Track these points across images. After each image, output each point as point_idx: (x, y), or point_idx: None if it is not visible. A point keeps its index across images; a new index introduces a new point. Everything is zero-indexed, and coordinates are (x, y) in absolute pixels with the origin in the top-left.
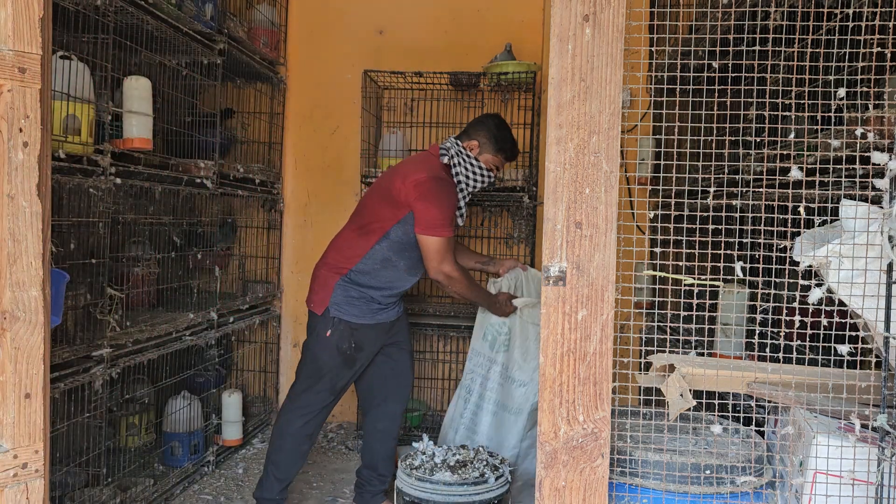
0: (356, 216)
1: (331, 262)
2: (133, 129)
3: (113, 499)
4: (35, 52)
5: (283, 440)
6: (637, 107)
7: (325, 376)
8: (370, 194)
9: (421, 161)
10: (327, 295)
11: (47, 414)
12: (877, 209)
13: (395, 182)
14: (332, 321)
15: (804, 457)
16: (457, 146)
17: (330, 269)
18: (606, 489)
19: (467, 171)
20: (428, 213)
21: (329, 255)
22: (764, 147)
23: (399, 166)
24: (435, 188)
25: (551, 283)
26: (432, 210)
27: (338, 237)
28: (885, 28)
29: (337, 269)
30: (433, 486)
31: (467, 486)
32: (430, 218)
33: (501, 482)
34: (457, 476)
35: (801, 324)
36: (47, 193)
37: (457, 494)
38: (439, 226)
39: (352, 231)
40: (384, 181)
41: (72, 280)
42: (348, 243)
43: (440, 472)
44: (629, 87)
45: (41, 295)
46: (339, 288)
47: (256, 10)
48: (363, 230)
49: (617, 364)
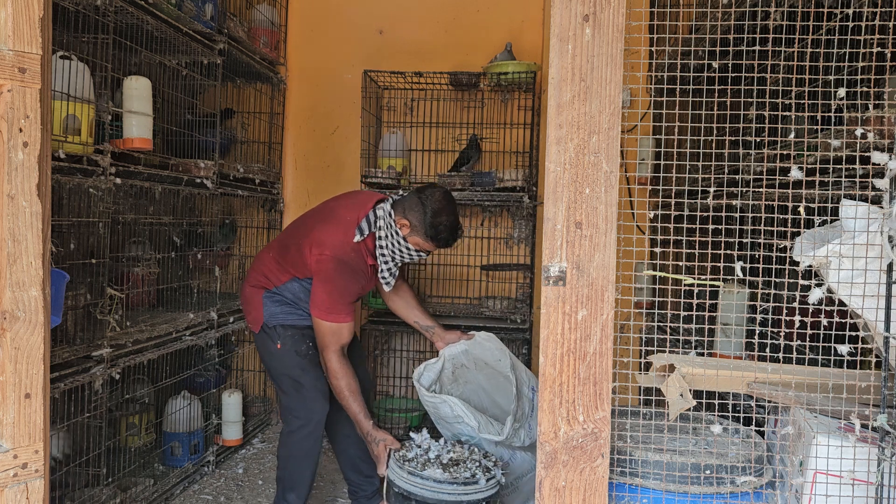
0: (278, 246)
1: (253, 282)
2: (133, 129)
3: (113, 499)
4: (35, 52)
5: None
6: (637, 107)
7: (306, 383)
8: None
9: (335, 233)
10: (259, 311)
11: (47, 414)
12: (877, 209)
13: (305, 247)
14: (276, 330)
15: (804, 457)
16: (389, 219)
17: (254, 287)
18: (606, 489)
19: (394, 249)
20: (320, 294)
21: (251, 276)
22: (764, 147)
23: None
24: (333, 270)
25: (551, 283)
26: (322, 294)
27: (260, 259)
28: (885, 28)
29: (260, 286)
30: (423, 482)
31: (457, 485)
32: (319, 301)
33: (492, 484)
34: (447, 474)
35: (801, 324)
36: (47, 193)
37: (445, 493)
38: (327, 311)
39: (272, 258)
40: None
41: (72, 280)
42: (268, 267)
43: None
44: (629, 87)
45: (41, 295)
46: (266, 300)
47: (256, 10)
48: (280, 263)
49: (617, 364)
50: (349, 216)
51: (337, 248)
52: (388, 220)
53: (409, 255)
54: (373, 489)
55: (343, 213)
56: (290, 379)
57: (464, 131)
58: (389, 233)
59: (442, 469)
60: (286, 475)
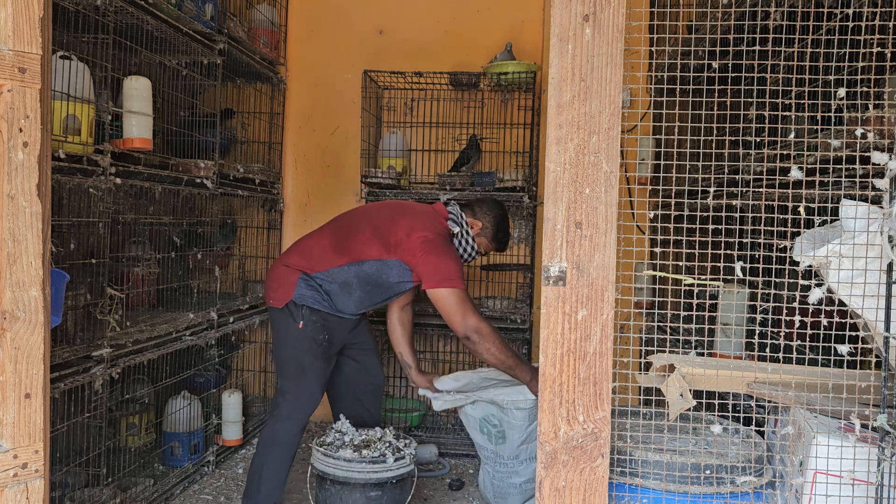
0: (337, 232)
1: (293, 264)
2: (133, 129)
3: (113, 499)
4: (35, 52)
5: (278, 449)
6: (637, 107)
7: (310, 372)
8: (361, 220)
9: (428, 219)
10: (289, 289)
11: (47, 414)
12: (877, 209)
13: (395, 231)
14: (301, 310)
15: (804, 457)
16: (462, 218)
17: (291, 269)
18: (606, 489)
19: (463, 246)
20: (440, 264)
21: (292, 258)
22: (764, 147)
23: (403, 214)
24: (443, 245)
25: (551, 283)
26: (444, 261)
27: (306, 244)
28: (885, 28)
29: (299, 269)
30: (335, 462)
31: (365, 463)
32: (442, 269)
33: (401, 464)
34: (357, 454)
35: (801, 324)
36: (47, 193)
37: (355, 471)
38: (454, 277)
39: (326, 244)
40: (383, 221)
41: (72, 280)
42: (318, 253)
43: (344, 449)
44: (629, 87)
45: (41, 295)
46: (301, 283)
47: (256, 10)
48: (338, 248)
49: (617, 364)
50: (428, 211)
51: (436, 231)
52: (460, 219)
53: (469, 252)
54: None
55: (419, 210)
56: (297, 363)
57: (464, 131)
58: (464, 231)
59: (353, 450)
60: (263, 463)
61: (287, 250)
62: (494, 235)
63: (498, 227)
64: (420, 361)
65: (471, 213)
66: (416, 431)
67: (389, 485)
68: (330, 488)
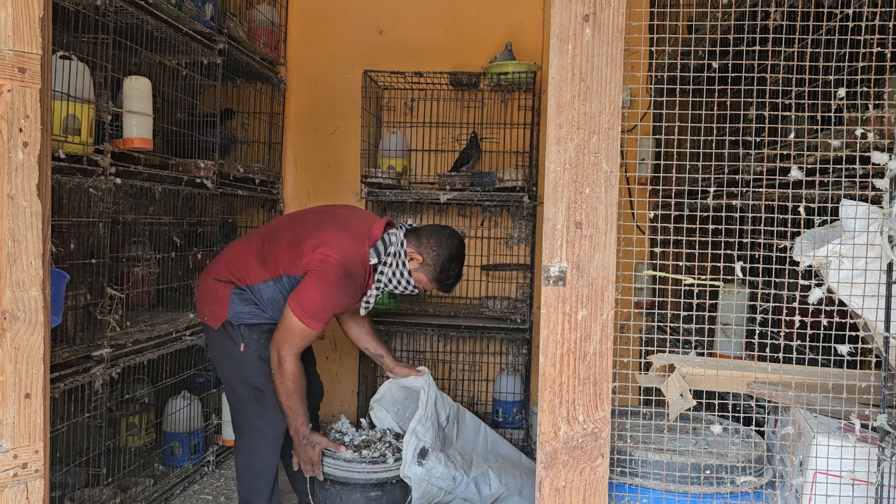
0: (265, 238)
1: (219, 275)
2: (133, 129)
3: (113, 499)
4: (35, 52)
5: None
6: (637, 107)
7: (269, 392)
8: (283, 229)
9: (348, 238)
10: (223, 307)
11: (47, 414)
12: (877, 209)
13: (306, 242)
14: (240, 330)
15: (804, 457)
16: (400, 248)
17: (220, 282)
18: (606, 489)
19: (394, 276)
20: (310, 293)
21: (220, 270)
22: (764, 147)
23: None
24: (335, 276)
25: (551, 283)
26: (316, 294)
27: (234, 253)
28: (885, 28)
29: (229, 282)
30: (335, 462)
31: (365, 464)
32: (308, 299)
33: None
34: (357, 454)
35: (801, 324)
36: (47, 193)
37: (355, 471)
38: (312, 314)
39: (252, 254)
40: (306, 227)
41: (72, 280)
42: (245, 264)
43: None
44: (629, 87)
45: (41, 295)
46: (234, 297)
47: (256, 10)
48: (262, 261)
49: (617, 364)
50: (360, 228)
51: (345, 256)
52: (398, 248)
53: (403, 287)
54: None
55: (353, 223)
56: (251, 387)
57: (464, 131)
58: (397, 262)
59: (353, 450)
60: (246, 492)
61: (216, 259)
62: (436, 275)
63: (442, 268)
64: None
65: (415, 244)
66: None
67: (389, 485)
68: (330, 488)
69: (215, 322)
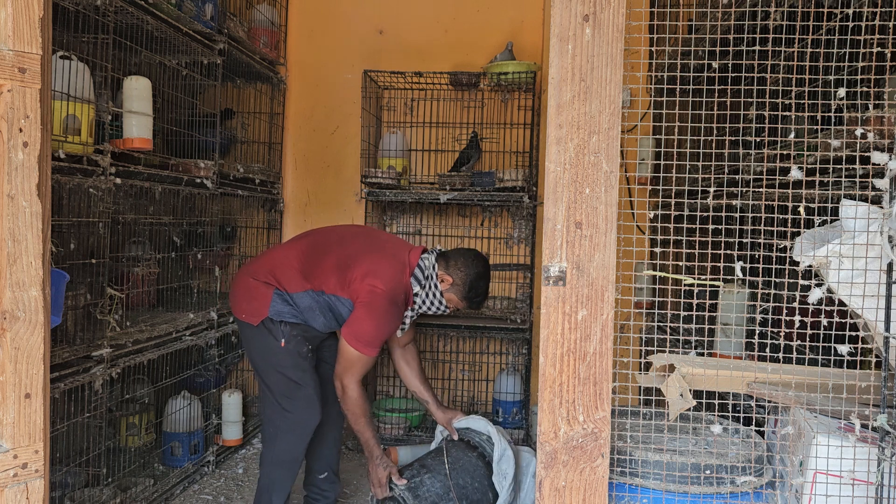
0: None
1: (262, 278)
2: (133, 129)
3: (113, 499)
4: (35, 52)
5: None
6: (637, 107)
7: (306, 385)
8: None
9: (391, 268)
10: (264, 304)
11: (47, 414)
12: (877, 209)
13: (354, 269)
14: (280, 326)
15: (804, 457)
16: (432, 270)
17: (261, 283)
18: (606, 489)
19: (426, 298)
20: (363, 324)
21: (260, 271)
22: (764, 147)
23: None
24: (383, 307)
25: (551, 283)
26: (369, 324)
27: (275, 259)
28: (885, 28)
29: (269, 284)
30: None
31: None
32: (362, 330)
33: None
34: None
35: (801, 324)
36: (47, 193)
37: None
38: (367, 343)
39: (294, 265)
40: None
41: (72, 280)
42: (286, 273)
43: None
44: (629, 87)
45: (41, 295)
46: (276, 297)
47: (256, 10)
48: (304, 273)
49: (617, 364)
50: (399, 255)
51: (391, 286)
52: (431, 272)
53: (436, 308)
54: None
55: (392, 250)
56: (288, 381)
57: (464, 131)
58: (430, 284)
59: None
60: (267, 481)
61: (255, 261)
62: (465, 294)
63: (471, 287)
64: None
65: (444, 266)
66: (416, 432)
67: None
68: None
69: (255, 319)
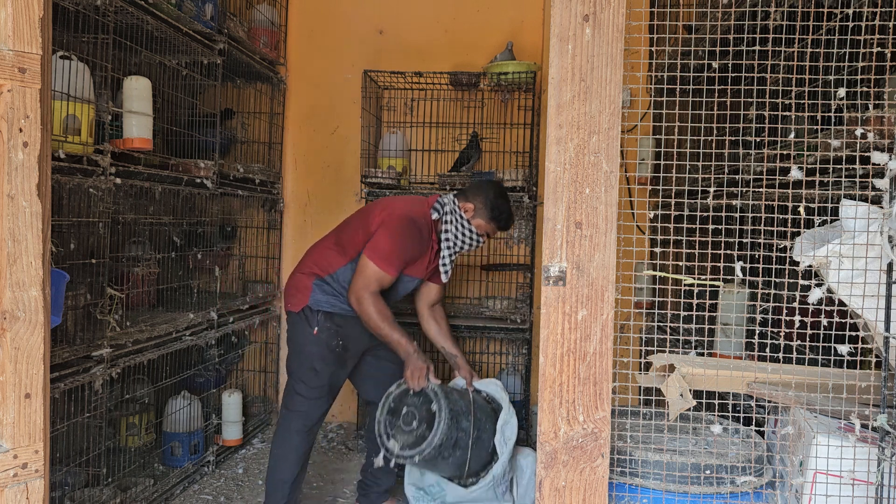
0: (337, 232)
1: (307, 271)
2: (133, 129)
3: (113, 499)
4: (35, 52)
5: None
6: (637, 107)
7: (322, 375)
8: (355, 216)
9: (409, 202)
10: (306, 294)
11: (47, 414)
12: (877, 209)
13: (375, 212)
14: (316, 315)
15: (804, 457)
16: (453, 204)
17: (305, 274)
18: (606, 489)
19: (457, 231)
20: (382, 240)
21: (306, 265)
22: (764, 147)
23: (390, 199)
24: (402, 226)
25: (551, 283)
26: (387, 240)
27: (315, 249)
28: (885, 28)
29: (312, 274)
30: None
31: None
32: (380, 245)
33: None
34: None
35: (801, 324)
36: (47, 193)
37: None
38: (384, 257)
39: (329, 245)
40: (370, 209)
41: (72, 280)
42: (324, 256)
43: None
44: (629, 87)
45: (41, 295)
46: (316, 287)
47: (256, 10)
48: (340, 248)
49: (617, 364)
50: (417, 199)
51: (406, 209)
52: (452, 206)
53: (470, 238)
54: (386, 486)
55: (407, 196)
56: (310, 366)
57: (464, 131)
58: (455, 217)
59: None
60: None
61: (301, 259)
62: (490, 214)
63: (493, 206)
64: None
65: (463, 198)
66: None
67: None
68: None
69: (296, 307)
